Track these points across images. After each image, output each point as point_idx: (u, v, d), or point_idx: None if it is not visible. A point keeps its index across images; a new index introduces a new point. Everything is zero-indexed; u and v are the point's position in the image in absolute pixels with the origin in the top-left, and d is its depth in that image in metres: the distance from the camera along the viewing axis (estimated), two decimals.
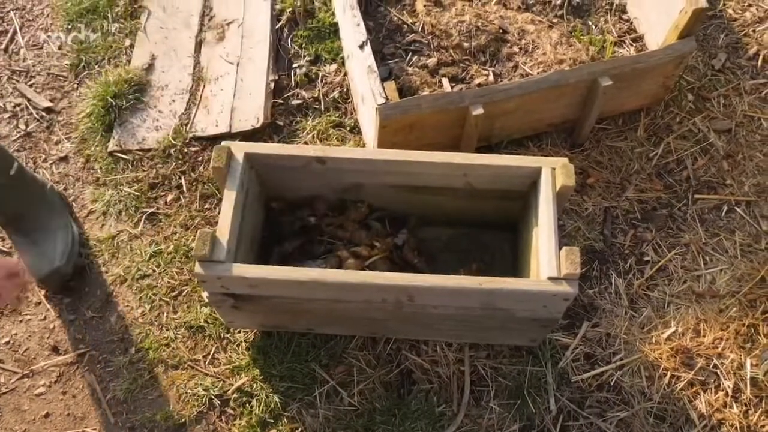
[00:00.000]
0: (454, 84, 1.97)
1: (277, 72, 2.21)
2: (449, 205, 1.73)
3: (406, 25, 2.09)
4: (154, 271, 1.87)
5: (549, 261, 1.43)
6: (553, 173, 1.54)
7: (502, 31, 2.07)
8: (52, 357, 1.78)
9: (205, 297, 1.58)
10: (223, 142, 1.56)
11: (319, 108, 2.13)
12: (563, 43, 2.03)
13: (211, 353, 1.76)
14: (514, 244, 1.82)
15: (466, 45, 2.03)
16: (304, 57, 2.23)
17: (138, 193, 1.99)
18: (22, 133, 2.14)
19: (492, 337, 1.69)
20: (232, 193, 1.50)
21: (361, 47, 1.82)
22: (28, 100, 2.21)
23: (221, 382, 1.71)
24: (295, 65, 2.22)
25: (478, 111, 1.75)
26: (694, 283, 1.84)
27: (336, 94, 2.14)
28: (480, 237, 1.85)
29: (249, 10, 2.34)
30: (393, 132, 1.77)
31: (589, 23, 2.16)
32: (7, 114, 2.18)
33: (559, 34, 2.06)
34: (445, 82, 1.97)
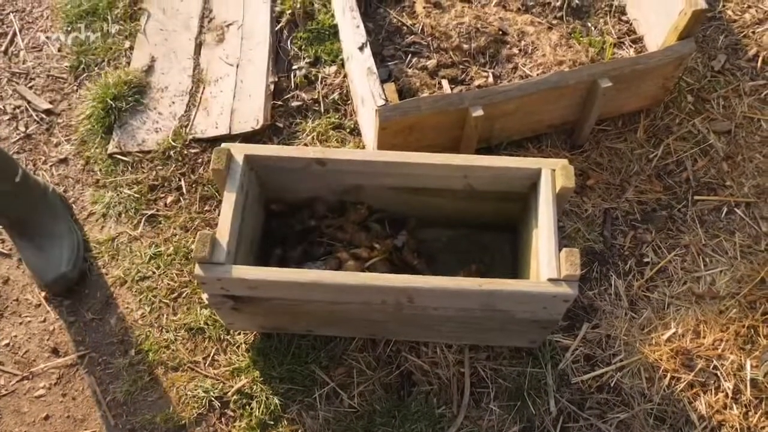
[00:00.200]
0: (453, 86, 1.97)
1: (276, 74, 2.21)
2: (449, 206, 1.73)
3: (405, 27, 2.09)
4: (154, 272, 1.87)
5: (549, 262, 1.43)
6: (553, 175, 1.54)
7: (501, 32, 2.07)
8: (51, 359, 1.78)
9: (204, 299, 1.58)
10: (223, 144, 1.56)
11: (319, 110, 2.13)
12: (563, 44, 2.04)
13: (211, 355, 1.76)
14: (514, 246, 1.82)
15: (465, 46, 2.03)
16: (304, 59, 2.23)
17: (138, 195, 1.99)
18: (22, 135, 2.15)
19: (492, 338, 1.69)
20: (232, 195, 1.50)
21: (361, 49, 1.82)
22: (28, 102, 2.21)
23: (221, 384, 1.71)
24: (294, 67, 2.22)
25: (478, 112, 1.75)
26: (694, 285, 1.84)
27: (336, 96, 2.14)
28: (480, 238, 1.85)
29: (249, 12, 2.34)
30: (393, 134, 1.78)
31: (589, 25, 2.16)
32: (7, 116, 2.19)
33: (559, 35, 2.06)
34: (445, 83, 1.97)
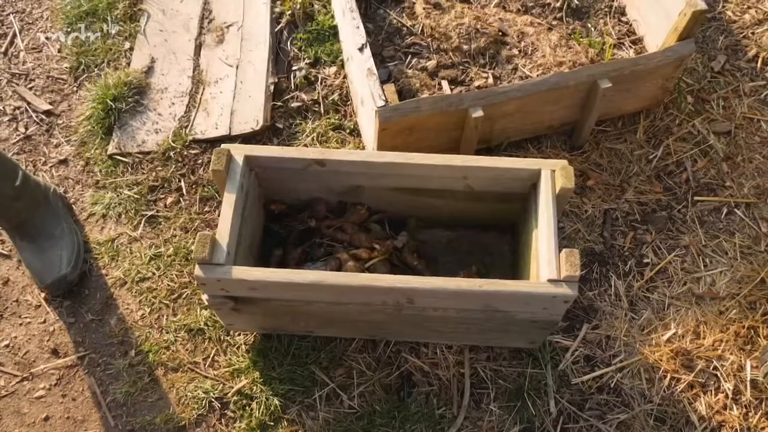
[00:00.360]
0: (453, 86, 1.97)
1: (276, 75, 2.21)
2: (449, 207, 1.73)
3: (405, 28, 2.09)
4: (154, 273, 1.87)
5: (549, 263, 1.43)
6: (553, 175, 1.54)
7: (501, 33, 2.07)
8: (51, 360, 1.78)
9: (204, 300, 1.58)
10: (223, 145, 1.56)
11: (319, 110, 2.13)
12: (562, 45, 2.04)
13: (211, 356, 1.76)
14: (513, 246, 1.82)
15: (465, 47, 2.03)
16: (304, 59, 2.23)
17: (138, 196, 1.99)
18: (22, 136, 2.15)
19: (492, 339, 1.69)
20: (232, 196, 1.50)
21: (361, 50, 1.82)
22: (28, 103, 2.21)
23: (221, 385, 1.71)
24: (294, 68, 2.22)
25: (478, 113, 1.75)
26: (694, 285, 1.84)
27: (335, 97, 2.14)
28: (480, 239, 1.85)
29: (248, 13, 2.34)
30: (392, 134, 1.78)
31: (589, 25, 2.16)
32: (7, 117, 2.19)
33: (559, 36, 2.06)
34: (445, 84, 1.97)
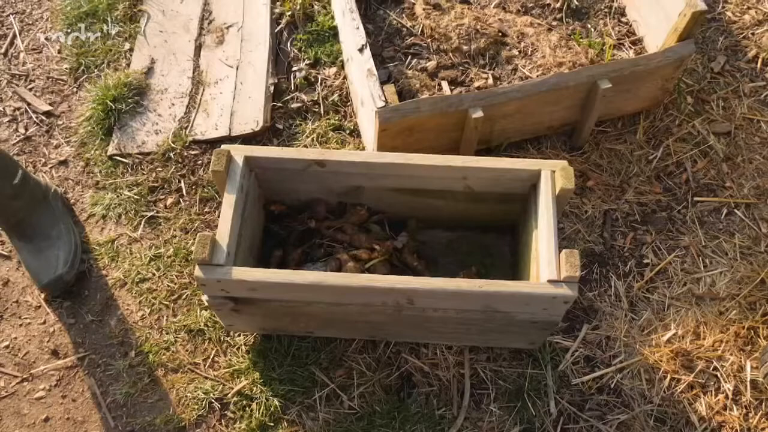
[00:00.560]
0: (453, 87, 1.97)
1: (276, 75, 2.21)
2: (449, 207, 1.73)
3: (405, 29, 2.09)
4: (154, 274, 1.87)
5: (549, 264, 1.43)
6: (553, 176, 1.54)
7: (501, 34, 2.07)
8: (51, 361, 1.78)
9: (204, 300, 1.58)
10: (223, 146, 1.56)
11: (319, 111, 2.13)
12: (562, 46, 2.04)
13: (211, 357, 1.76)
14: (513, 247, 1.82)
15: (465, 48, 2.03)
16: (304, 60, 2.23)
17: (138, 197, 1.99)
18: (22, 137, 2.15)
19: (492, 339, 1.69)
20: (232, 197, 1.50)
21: (361, 50, 1.82)
22: (28, 104, 2.21)
23: (221, 386, 1.71)
24: (294, 68, 2.22)
25: (478, 114, 1.75)
26: (694, 286, 1.84)
27: (335, 98, 2.14)
28: (480, 240, 1.85)
29: (248, 14, 2.35)
30: (392, 135, 1.78)
31: (589, 26, 2.16)
32: (7, 118, 2.19)
33: (558, 37, 2.06)
34: (445, 85, 1.97)
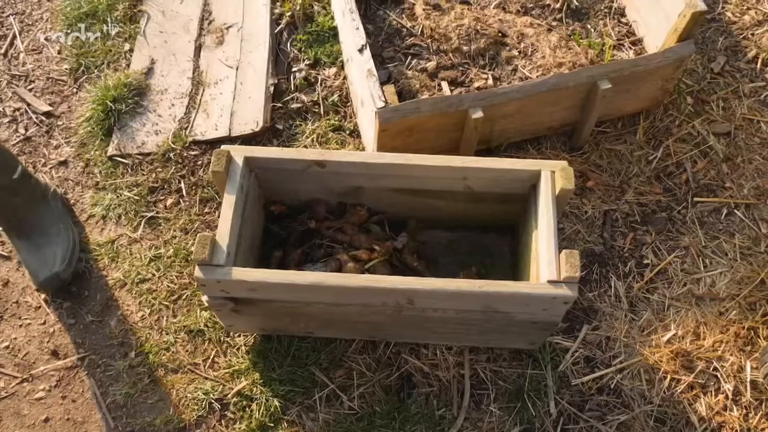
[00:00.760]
0: (453, 87, 1.97)
1: (276, 76, 2.21)
2: (449, 208, 1.73)
3: (405, 29, 2.09)
4: (154, 275, 1.87)
5: (549, 264, 1.43)
6: (553, 176, 1.54)
7: (501, 34, 2.07)
8: (51, 361, 1.77)
9: (204, 301, 1.58)
10: (223, 146, 1.56)
11: (319, 111, 2.13)
12: (562, 46, 2.04)
13: (211, 357, 1.76)
14: (514, 247, 1.82)
15: (465, 48, 2.03)
16: (304, 61, 2.23)
17: (137, 197, 1.99)
18: (22, 137, 2.15)
19: (492, 340, 1.69)
20: (232, 197, 1.50)
21: (361, 51, 1.82)
22: (28, 105, 2.21)
23: (221, 386, 1.71)
24: (294, 69, 2.22)
25: (478, 114, 1.76)
26: (694, 286, 1.84)
27: (335, 98, 2.14)
28: (480, 240, 1.85)
29: (248, 14, 2.35)
30: (392, 135, 1.78)
31: (588, 26, 2.16)
32: (7, 118, 2.19)
33: (558, 37, 2.06)
34: (445, 85, 1.97)
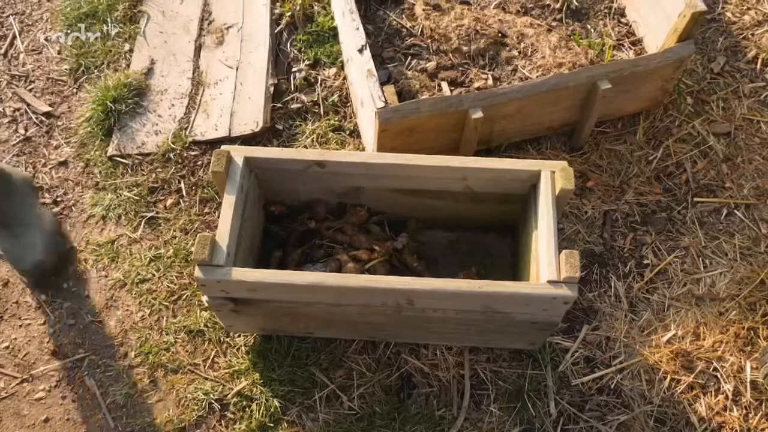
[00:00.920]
0: (453, 88, 1.97)
1: (276, 76, 2.21)
2: (449, 208, 1.73)
3: (405, 29, 2.09)
4: (154, 275, 1.87)
5: (549, 264, 1.43)
6: (553, 177, 1.54)
7: (501, 34, 2.08)
8: (51, 361, 1.77)
9: (204, 301, 1.58)
10: (223, 147, 1.56)
11: (319, 112, 2.13)
12: (562, 46, 2.04)
13: (211, 357, 1.76)
14: (513, 248, 1.82)
15: (465, 49, 2.03)
16: (304, 61, 2.24)
17: (137, 198, 1.99)
18: (22, 137, 2.15)
19: (492, 340, 1.69)
20: (232, 197, 1.50)
21: (361, 51, 1.82)
22: (28, 105, 2.21)
23: (221, 386, 1.71)
24: (294, 69, 2.22)
25: (478, 114, 1.76)
26: (694, 286, 1.84)
27: (335, 98, 2.14)
28: (480, 240, 1.85)
29: (248, 15, 2.35)
30: (392, 135, 1.78)
31: (588, 27, 2.16)
32: (7, 119, 2.19)
33: (558, 37, 2.06)
34: (445, 85, 1.97)
